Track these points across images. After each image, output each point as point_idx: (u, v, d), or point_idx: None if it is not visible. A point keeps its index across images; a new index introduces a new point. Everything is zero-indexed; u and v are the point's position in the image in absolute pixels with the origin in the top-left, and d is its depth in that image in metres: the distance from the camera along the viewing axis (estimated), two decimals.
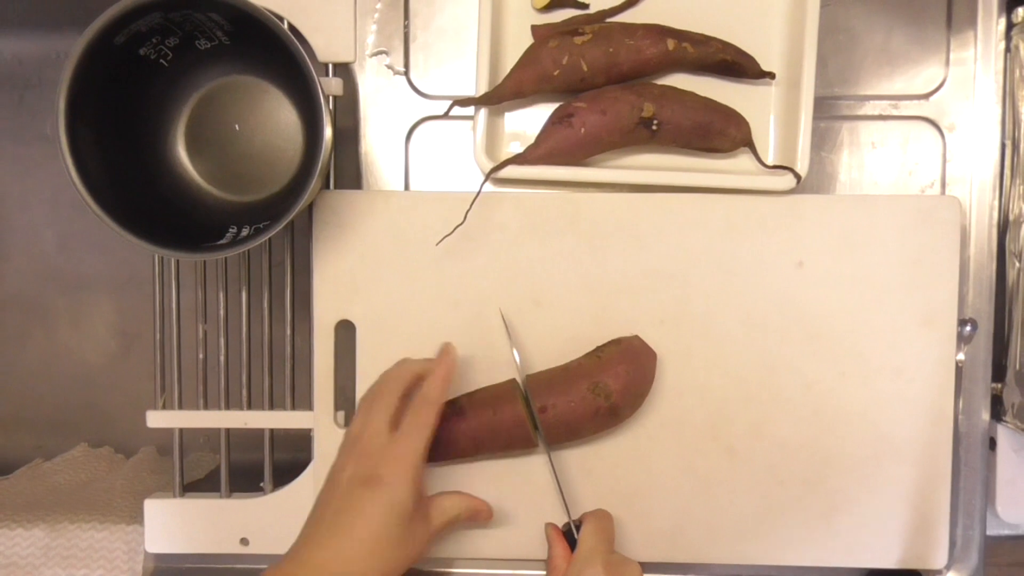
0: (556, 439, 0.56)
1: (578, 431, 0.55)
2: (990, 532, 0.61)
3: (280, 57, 0.51)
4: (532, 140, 0.57)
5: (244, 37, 0.54)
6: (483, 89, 0.57)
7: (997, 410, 0.60)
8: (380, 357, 0.58)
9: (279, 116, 0.59)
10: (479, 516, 0.56)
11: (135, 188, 0.54)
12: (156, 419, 0.61)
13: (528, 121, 0.59)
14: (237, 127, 0.59)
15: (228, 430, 0.61)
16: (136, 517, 0.61)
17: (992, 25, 0.60)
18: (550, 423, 0.54)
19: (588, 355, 0.56)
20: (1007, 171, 0.61)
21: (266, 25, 0.50)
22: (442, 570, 0.61)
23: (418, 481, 0.50)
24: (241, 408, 0.61)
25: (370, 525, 0.48)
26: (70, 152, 0.49)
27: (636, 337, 0.56)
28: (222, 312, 0.61)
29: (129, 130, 0.55)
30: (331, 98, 0.58)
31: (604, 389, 0.53)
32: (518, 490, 0.59)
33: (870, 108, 0.61)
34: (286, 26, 0.59)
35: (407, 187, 0.61)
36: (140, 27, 0.51)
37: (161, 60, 0.55)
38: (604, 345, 0.57)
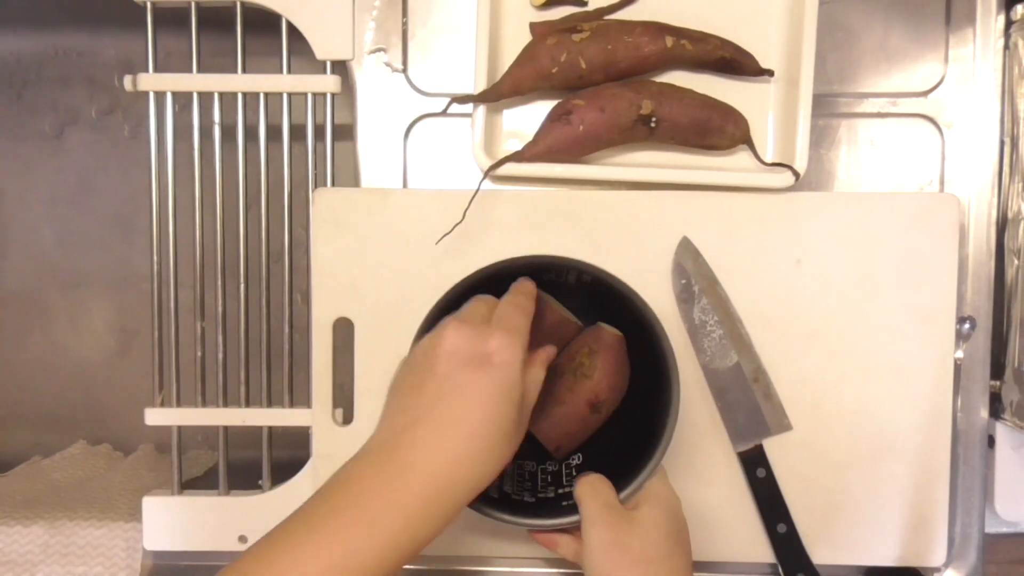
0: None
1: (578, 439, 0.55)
2: (989, 530, 0.61)
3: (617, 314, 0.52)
4: (530, 137, 0.57)
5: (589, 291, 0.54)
6: (481, 86, 0.56)
7: (996, 408, 0.60)
8: (378, 354, 0.58)
9: None
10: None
11: None
12: (154, 416, 0.61)
13: (526, 118, 0.59)
14: None
15: (226, 427, 0.61)
16: (135, 514, 0.61)
17: (991, 22, 0.60)
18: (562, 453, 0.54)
19: (575, 374, 0.53)
20: (1006, 169, 0.60)
21: (620, 291, 0.50)
22: (442, 569, 0.61)
23: (524, 362, 0.44)
24: (239, 405, 0.61)
25: (483, 416, 0.41)
26: None
27: (601, 329, 0.54)
28: (220, 309, 0.61)
29: None
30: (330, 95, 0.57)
31: (602, 405, 0.52)
32: None
33: (869, 105, 0.60)
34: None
35: (405, 185, 0.61)
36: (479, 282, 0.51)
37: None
38: (580, 356, 0.53)
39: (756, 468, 0.57)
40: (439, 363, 0.42)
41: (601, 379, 0.52)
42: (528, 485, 0.54)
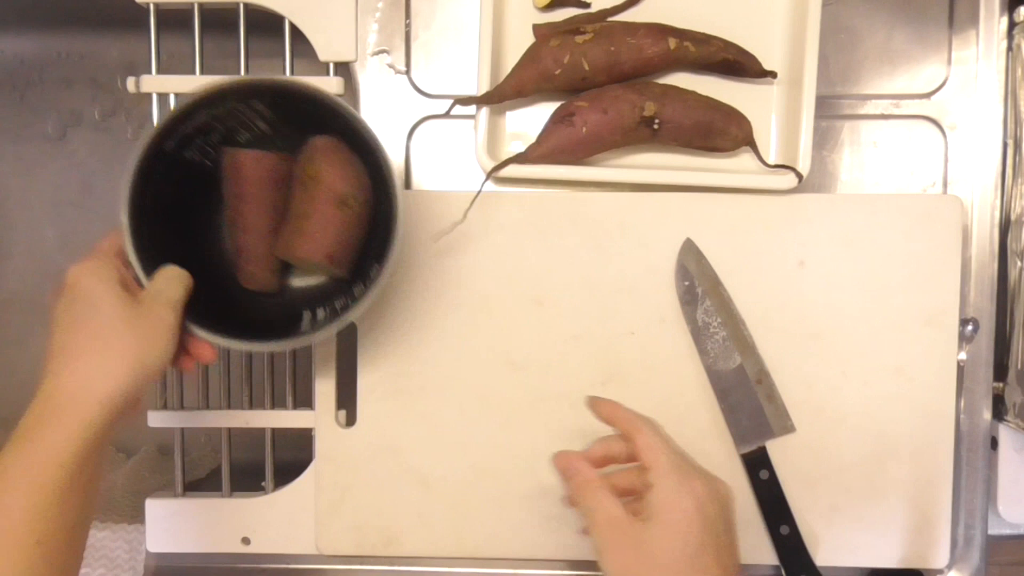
0: None
1: None
2: (992, 531, 0.60)
3: (328, 131, 0.51)
4: (533, 139, 0.57)
5: (285, 122, 0.53)
6: (484, 88, 0.56)
7: (999, 409, 0.60)
8: (381, 356, 0.58)
9: None
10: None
11: (205, 288, 0.52)
12: (157, 419, 0.61)
13: (529, 120, 0.59)
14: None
15: (229, 429, 0.61)
16: (137, 516, 0.61)
17: (994, 24, 0.60)
18: None
19: (306, 186, 0.52)
20: (1009, 170, 0.60)
21: (314, 97, 0.49)
22: (444, 570, 0.61)
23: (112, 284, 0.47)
24: (242, 408, 0.61)
25: (61, 327, 0.46)
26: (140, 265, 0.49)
27: (312, 140, 0.52)
28: None
29: (185, 231, 0.54)
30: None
31: (345, 198, 0.52)
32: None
33: (872, 107, 0.60)
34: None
35: (408, 186, 0.61)
36: (187, 129, 0.51)
37: (206, 160, 0.54)
38: (302, 168, 0.52)
39: (759, 470, 0.57)
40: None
41: (328, 174, 0.51)
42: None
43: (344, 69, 0.60)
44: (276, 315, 0.55)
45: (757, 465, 0.57)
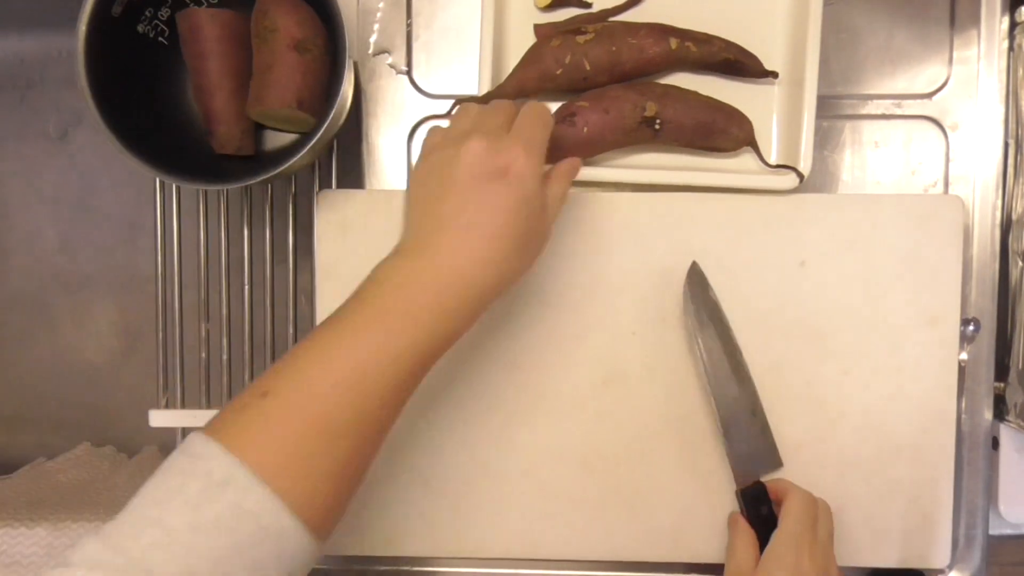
0: None
1: None
2: (993, 532, 0.61)
3: None
4: None
5: None
6: (486, 88, 0.56)
7: (1000, 410, 0.60)
8: None
9: None
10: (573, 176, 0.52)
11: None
12: (159, 418, 0.61)
13: None
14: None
15: None
16: None
17: (995, 24, 0.60)
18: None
19: (263, 37, 0.54)
20: (1010, 170, 0.60)
21: None
22: (444, 570, 0.61)
23: (542, 175, 0.47)
24: None
25: (504, 222, 0.44)
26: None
27: None
28: (225, 311, 0.61)
29: (157, 116, 0.56)
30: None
31: (303, 43, 0.53)
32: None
33: (873, 107, 0.60)
34: None
35: None
36: None
37: (160, 38, 0.56)
38: (255, 22, 0.54)
39: (760, 506, 0.55)
40: (460, 174, 0.45)
41: (284, 21, 0.52)
42: None
43: None
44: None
45: (756, 501, 0.55)
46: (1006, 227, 0.60)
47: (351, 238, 0.58)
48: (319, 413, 0.40)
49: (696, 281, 0.56)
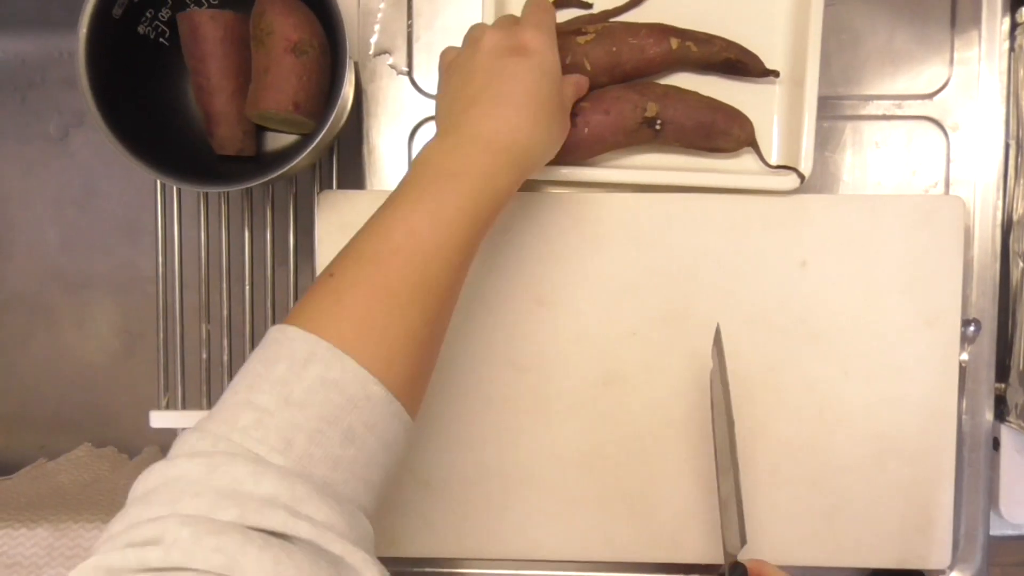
0: None
1: None
2: (993, 532, 0.60)
3: None
4: None
5: None
6: None
7: (1001, 410, 0.60)
8: None
9: None
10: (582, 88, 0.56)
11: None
12: (159, 419, 0.61)
13: None
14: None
15: None
16: None
17: (996, 25, 0.60)
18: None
19: (260, 40, 0.54)
20: (1011, 171, 0.60)
21: None
22: (444, 570, 0.61)
23: (556, 52, 0.50)
24: None
25: (528, 91, 0.48)
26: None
27: None
28: (225, 312, 0.61)
29: (159, 116, 0.57)
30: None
31: (299, 44, 0.53)
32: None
33: (874, 108, 0.60)
34: None
35: None
36: None
37: (161, 39, 0.56)
38: (254, 24, 0.55)
39: None
40: (481, 58, 0.49)
41: (280, 24, 0.53)
42: None
43: None
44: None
45: None
46: (1007, 228, 0.60)
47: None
48: (384, 283, 0.42)
49: (716, 346, 0.54)
